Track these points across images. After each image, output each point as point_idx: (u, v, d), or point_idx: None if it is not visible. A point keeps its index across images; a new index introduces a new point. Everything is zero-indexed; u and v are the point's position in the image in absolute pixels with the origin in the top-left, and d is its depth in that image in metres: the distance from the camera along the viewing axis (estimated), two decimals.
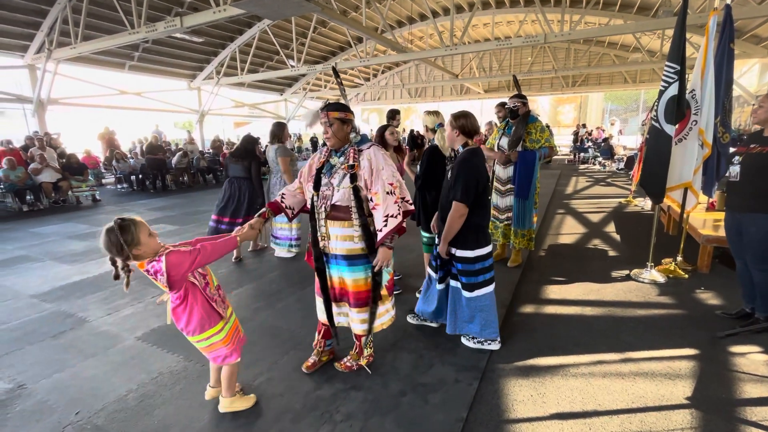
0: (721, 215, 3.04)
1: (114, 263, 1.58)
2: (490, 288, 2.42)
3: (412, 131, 6.47)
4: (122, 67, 12.33)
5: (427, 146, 3.16)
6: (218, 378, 1.99)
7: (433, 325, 2.76)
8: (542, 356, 2.43)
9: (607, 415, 1.93)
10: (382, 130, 3.39)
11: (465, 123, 2.30)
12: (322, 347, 2.34)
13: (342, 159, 2.04)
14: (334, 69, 6.76)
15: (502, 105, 4.20)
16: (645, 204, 6.92)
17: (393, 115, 3.87)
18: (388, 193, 1.97)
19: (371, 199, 2.01)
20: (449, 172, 2.37)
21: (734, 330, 2.63)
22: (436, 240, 2.52)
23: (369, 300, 2.12)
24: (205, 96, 15.32)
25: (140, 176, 10.15)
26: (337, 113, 2.00)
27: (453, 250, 2.36)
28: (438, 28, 11.08)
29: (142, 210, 7.53)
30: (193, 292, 1.72)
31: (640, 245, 4.52)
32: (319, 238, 2.09)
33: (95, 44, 9.16)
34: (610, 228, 5.54)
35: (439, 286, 2.54)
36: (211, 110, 15.78)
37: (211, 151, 13.08)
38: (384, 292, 2.17)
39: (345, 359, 2.32)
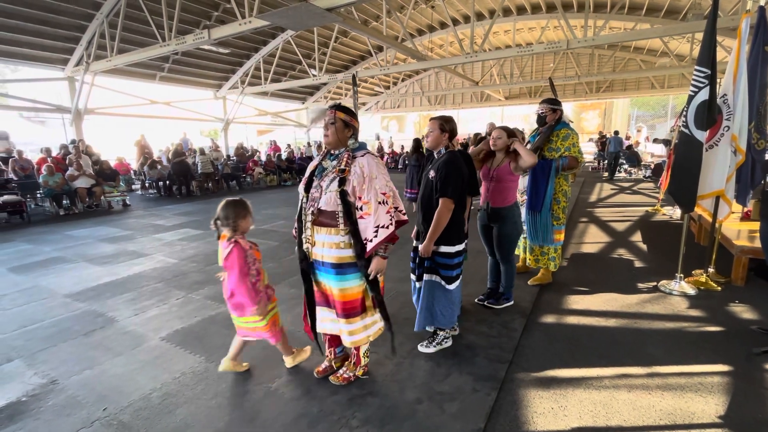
0: (757, 225, 2.90)
1: (216, 224, 2.12)
2: (460, 281, 2.58)
3: (417, 139, 6.86)
4: (153, 78, 12.89)
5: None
6: (236, 352, 2.32)
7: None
8: (563, 367, 2.37)
9: (632, 431, 1.85)
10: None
11: (453, 127, 2.52)
12: (333, 354, 2.35)
13: (335, 162, 2.03)
14: (353, 77, 7.16)
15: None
16: (673, 213, 6.66)
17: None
18: (380, 203, 1.94)
19: (360, 208, 1.95)
20: (431, 173, 2.46)
21: None
22: (414, 243, 2.62)
23: (359, 310, 2.07)
24: (230, 105, 15.80)
25: (167, 182, 10.54)
26: (344, 115, 2.02)
27: (436, 247, 2.43)
28: (458, 36, 11.09)
29: (169, 215, 7.80)
30: (240, 278, 2.09)
31: (669, 256, 4.35)
32: (304, 240, 2.08)
33: (129, 57, 9.64)
34: (636, 237, 5.36)
35: (418, 284, 2.58)
36: (235, 119, 16.25)
37: (234, 158, 13.43)
38: (369, 303, 2.12)
39: (341, 371, 2.27)
